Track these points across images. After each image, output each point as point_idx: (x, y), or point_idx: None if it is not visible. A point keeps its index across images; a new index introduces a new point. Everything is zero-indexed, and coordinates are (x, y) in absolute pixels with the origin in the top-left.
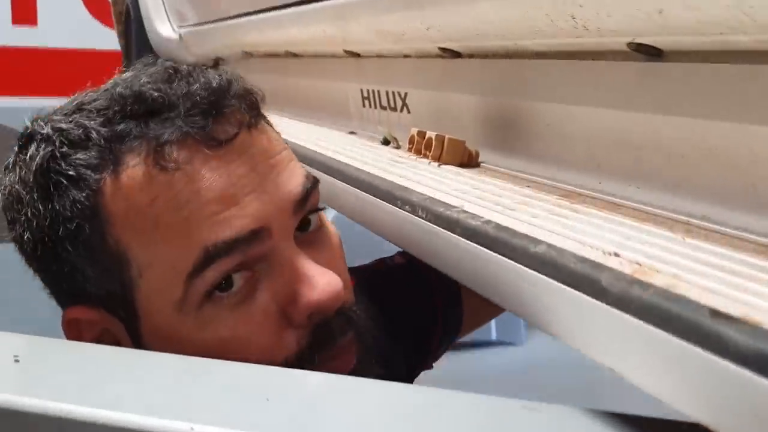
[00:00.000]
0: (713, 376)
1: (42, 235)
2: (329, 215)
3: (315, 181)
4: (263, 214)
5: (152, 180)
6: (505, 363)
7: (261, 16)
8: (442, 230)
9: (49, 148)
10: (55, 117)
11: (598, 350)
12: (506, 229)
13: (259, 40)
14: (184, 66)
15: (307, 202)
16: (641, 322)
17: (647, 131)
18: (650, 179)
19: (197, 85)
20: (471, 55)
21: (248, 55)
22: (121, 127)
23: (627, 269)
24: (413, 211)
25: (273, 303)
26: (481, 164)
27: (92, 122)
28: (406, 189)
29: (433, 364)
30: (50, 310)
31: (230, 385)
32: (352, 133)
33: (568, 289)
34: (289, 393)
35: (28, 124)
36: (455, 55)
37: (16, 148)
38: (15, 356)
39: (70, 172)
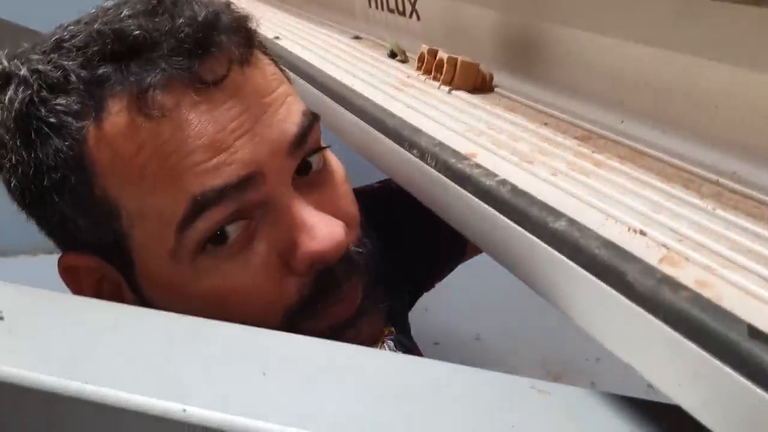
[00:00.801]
0: (747, 404)
1: (28, 183)
2: None
3: (314, 118)
4: (255, 159)
5: (137, 128)
6: None
7: None
8: (452, 184)
9: (28, 92)
10: (32, 56)
11: (618, 346)
12: (523, 194)
13: None
14: None
15: (305, 142)
16: (670, 329)
17: (678, 73)
18: (677, 126)
19: (182, 19)
20: None
21: None
22: (102, 70)
23: (654, 255)
24: (422, 157)
25: (272, 252)
26: (495, 89)
27: (71, 63)
28: (414, 129)
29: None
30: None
31: (225, 355)
32: (356, 38)
33: (590, 275)
34: (287, 366)
35: (5, 62)
36: None
37: None
38: (0, 312)
39: (51, 119)
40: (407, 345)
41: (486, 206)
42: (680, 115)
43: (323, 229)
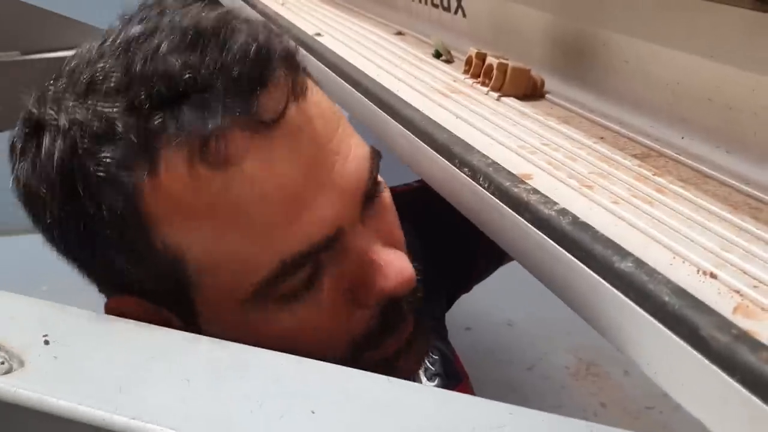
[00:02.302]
0: None
1: (75, 236)
2: None
3: (378, 157)
4: (337, 215)
5: (201, 179)
6: None
7: None
8: (508, 209)
9: (68, 143)
10: (66, 101)
11: (689, 401)
12: (586, 227)
13: None
14: (206, 22)
15: (375, 185)
16: (748, 392)
17: (745, 90)
18: (743, 145)
19: (231, 54)
20: None
21: None
22: (152, 118)
23: (727, 303)
24: (474, 177)
25: (340, 288)
26: (546, 95)
27: (114, 110)
28: (466, 146)
29: None
30: None
31: (274, 389)
32: (399, 33)
33: (659, 324)
34: (338, 404)
35: (32, 107)
36: None
37: (23, 132)
38: (45, 336)
39: (100, 173)
40: (444, 351)
41: (545, 237)
42: (746, 135)
43: (395, 268)
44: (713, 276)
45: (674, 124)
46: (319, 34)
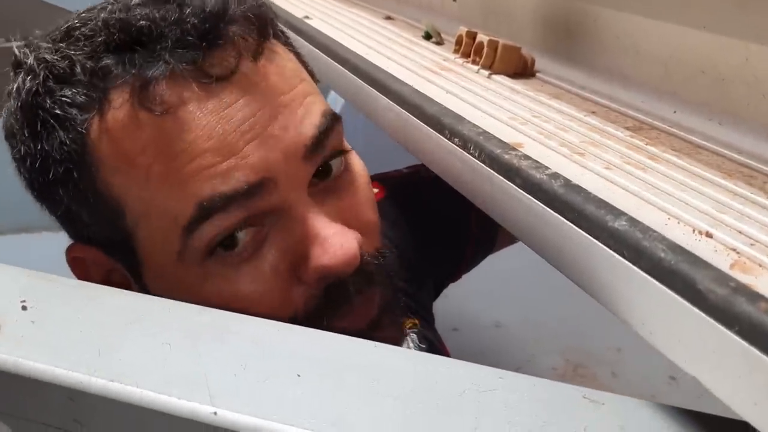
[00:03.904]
0: None
1: (36, 174)
2: None
3: (334, 119)
4: (267, 164)
5: (140, 124)
6: None
7: None
8: (498, 176)
9: (35, 82)
10: (42, 44)
11: (685, 359)
12: (578, 189)
13: None
14: None
15: (324, 146)
16: (746, 344)
17: (737, 62)
18: (736, 117)
19: (189, 8)
20: None
21: None
22: (106, 61)
23: (723, 260)
24: (464, 147)
25: (282, 260)
26: (537, 74)
27: (78, 53)
28: (456, 116)
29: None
30: None
31: (256, 353)
32: (388, 18)
33: (655, 281)
34: (323, 367)
35: (16, 50)
36: None
37: (11, 74)
38: (23, 302)
39: (56, 111)
40: (431, 338)
41: (536, 202)
42: (739, 106)
43: (336, 243)
44: (709, 235)
45: (666, 98)
46: (307, 17)
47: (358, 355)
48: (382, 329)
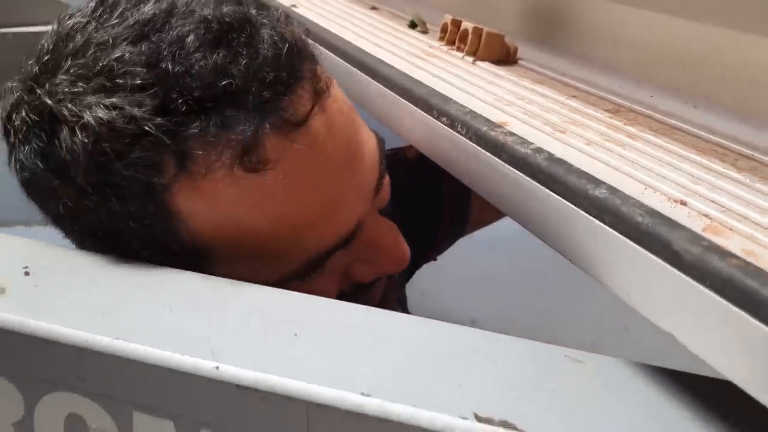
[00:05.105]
0: None
1: (94, 228)
2: None
3: (382, 144)
4: (358, 212)
5: (239, 180)
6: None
7: None
8: (485, 152)
9: (97, 144)
10: (85, 95)
11: (660, 314)
12: (561, 162)
13: None
14: (228, 13)
15: (383, 172)
16: (718, 297)
17: (711, 47)
18: (710, 100)
19: (262, 56)
20: None
21: None
22: (187, 123)
23: (697, 224)
24: (451, 126)
25: (340, 265)
26: (519, 61)
27: (142, 111)
28: (443, 97)
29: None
30: None
31: (256, 315)
32: (373, 8)
33: (633, 244)
34: (318, 328)
35: (43, 95)
36: None
37: (29, 117)
38: (25, 268)
39: (131, 174)
40: None
41: (521, 174)
42: (713, 90)
43: (397, 252)
44: (683, 203)
45: (644, 83)
46: (294, 6)
47: (352, 317)
48: (388, 302)
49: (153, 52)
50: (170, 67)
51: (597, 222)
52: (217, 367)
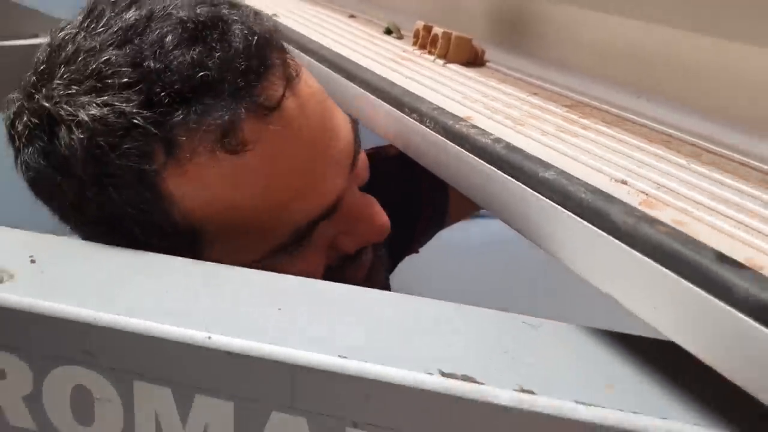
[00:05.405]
0: (716, 320)
1: (96, 217)
2: None
3: (355, 123)
4: (338, 185)
5: (222, 162)
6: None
7: None
8: (450, 143)
9: (92, 138)
10: (78, 96)
11: (601, 280)
12: (516, 149)
13: None
14: (202, 12)
15: (358, 148)
16: (647, 259)
17: (660, 45)
18: (659, 93)
19: (234, 48)
20: None
21: None
22: (171, 114)
23: (634, 199)
24: (421, 121)
25: (326, 238)
26: (487, 63)
27: (130, 106)
28: (415, 96)
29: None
30: None
31: (244, 293)
32: (351, 16)
33: (577, 218)
34: (300, 303)
35: (41, 99)
36: None
37: (30, 121)
38: (30, 256)
39: (125, 164)
40: None
41: (482, 162)
42: (662, 83)
43: (379, 221)
44: (624, 182)
45: (600, 80)
46: (275, 15)
47: (333, 293)
48: (377, 276)
49: (136, 53)
50: (152, 65)
51: (547, 200)
52: (210, 337)
